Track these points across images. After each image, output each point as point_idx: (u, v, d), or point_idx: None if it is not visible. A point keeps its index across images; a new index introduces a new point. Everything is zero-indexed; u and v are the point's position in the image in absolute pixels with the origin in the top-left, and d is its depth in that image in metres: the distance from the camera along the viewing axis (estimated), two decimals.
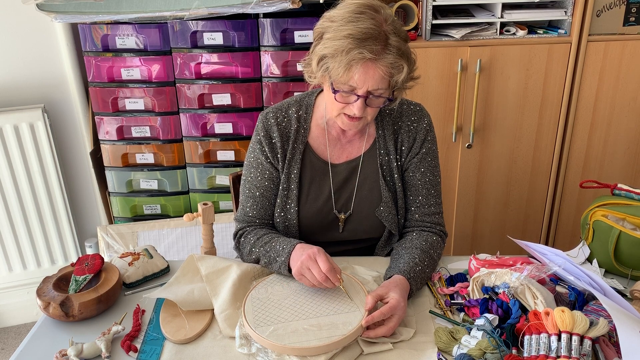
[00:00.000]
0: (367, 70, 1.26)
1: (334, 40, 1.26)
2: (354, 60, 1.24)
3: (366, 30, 1.24)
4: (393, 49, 1.26)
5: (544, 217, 2.54)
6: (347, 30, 1.25)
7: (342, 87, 1.30)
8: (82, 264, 1.36)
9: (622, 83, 2.30)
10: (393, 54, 1.26)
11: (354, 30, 1.24)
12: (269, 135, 1.46)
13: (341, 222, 1.50)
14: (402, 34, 1.30)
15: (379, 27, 1.26)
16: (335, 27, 1.27)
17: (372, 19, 1.26)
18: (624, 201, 1.46)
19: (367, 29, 1.24)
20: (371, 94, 1.30)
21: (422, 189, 1.48)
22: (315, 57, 1.32)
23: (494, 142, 2.37)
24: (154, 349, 1.20)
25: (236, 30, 2.20)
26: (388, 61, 1.26)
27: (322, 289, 1.30)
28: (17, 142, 2.34)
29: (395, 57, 1.26)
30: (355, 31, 1.24)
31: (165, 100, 2.30)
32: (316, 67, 1.33)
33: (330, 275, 1.24)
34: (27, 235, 2.48)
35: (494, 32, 2.24)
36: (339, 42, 1.25)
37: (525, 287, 1.22)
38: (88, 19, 2.13)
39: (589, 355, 1.05)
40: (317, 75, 1.35)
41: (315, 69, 1.34)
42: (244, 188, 1.51)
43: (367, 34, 1.24)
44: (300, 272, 1.27)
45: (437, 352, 1.17)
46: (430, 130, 1.48)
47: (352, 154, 1.49)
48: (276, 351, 1.15)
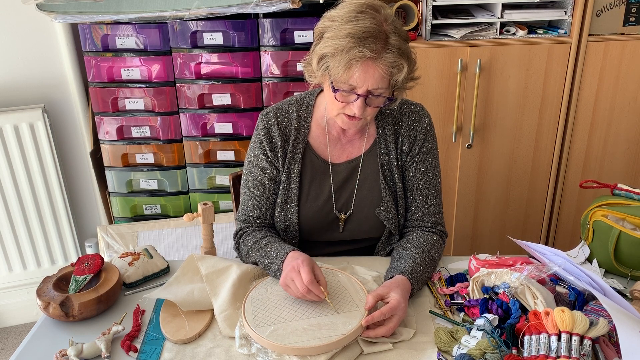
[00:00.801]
0: (367, 69, 1.26)
1: (334, 39, 1.27)
2: (354, 59, 1.24)
3: (366, 29, 1.24)
4: (393, 48, 1.26)
5: (544, 217, 2.54)
6: (348, 30, 1.25)
7: (342, 86, 1.30)
8: (82, 264, 1.36)
9: (622, 83, 2.30)
10: (393, 53, 1.26)
11: (354, 30, 1.24)
12: (269, 135, 1.46)
13: (341, 222, 1.50)
14: (402, 34, 1.30)
15: (380, 26, 1.26)
16: (335, 26, 1.28)
17: (373, 18, 1.26)
18: (624, 201, 1.46)
19: (367, 28, 1.24)
20: (371, 93, 1.30)
21: (423, 189, 1.48)
22: (315, 57, 1.33)
23: (494, 142, 2.37)
24: (154, 349, 1.20)
25: (236, 30, 2.20)
26: (388, 60, 1.26)
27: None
28: (17, 142, 2.34)
29: (396, 56, 1.26)
30: (356, 30, 1.24)
31: (165, 100, 2.30)
32: (316, 66, 1.33)
33: (312, 288, 1.22)
34: (27, 235, 2.48)
35: (494, 32, 2.24)
36: (339, 41, 1.25)
37: (525, 287, 1.22)
38: (88, 19, 2.13)
39: (589, 355, 1.05)
40: (317, 75, 1.35)
41: (315, 68, 1.34)
42: (244, 188, 1.51)
43: (367, 33, 1.24)
44: (285, 284, 1.27)
45: (437, 352, 1.17)
46: (430, 130, 1.48)
47: (352, 153, 1.49)
48: (276, 351, 1.15)
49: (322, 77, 1.35)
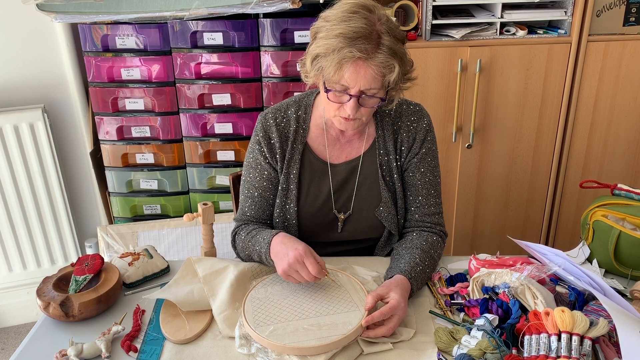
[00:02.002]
0: (358, 70, 1.26)
1: (326, 39, 1.27)
2: (345, 59, 1.25)
3: (357, 29, 1.25)
4: (385, 48, 1.26)
5: (544, 217, 2.54)
6: (339, 30, 1.26)
7: (334, 86, 1.30)
8: (82, 264, 1.36)
9: (622, 83, 2.30)
10: (385, 53, 1.26)
11: (345, 30, 1.25)
12: (267, 136, 1.46)
13: (340, 222, 1.50)
14: (397, 34, 1.30)
15: (371, 26, 1.26)
16: (328, 26, 1.29)
17: (365, 18, 1.26)
18: (624, 201, 1.46)
19: (358, 28, 1.25)
20: (364, 94, 1.30)
21: (422, 189, 1.48)
22: (309, 57, 1.34)
23: (494, 142, 2.37)
24: (154, 349, 1.20)
25: (236, 30, 2.20)
26: (379, 60, 1.26)
27: (320, 289, 1.31)
28: (17, 142, 2.34)
29: (387, 57, 1.26)
30: (347, 30, 1.25)
31: (165, 100, 2.30)
32: (310, 66, 1.34)
33: (320, 276, 1.27)
34: (27, 235, 2.48)
35: (494, 32, 2.24)
36: (330, 41, 1.26)
37: (525, 287, 1.22)
38: (88, 19, 2.13)
39: (589, 355, 1.05)
40: (311, 75, 1.36)
41: (309, 68, 1.35)
42: (243, 188, 1.52)
43: (357, 33, 1.24)
44: (286, 274, 1.28)
45: (437, 352, 1.17)
46: (430, 131, 1.48)
47: (351, 154, 1.49)
48: (276, 351, 1.15)
49: (316, 77, 1.35)
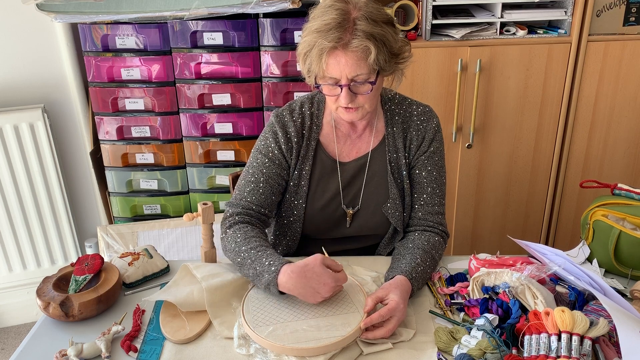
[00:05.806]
0: (338, 59, 1.29)
1: (305, 37, 1.33)
2: (322, 51, 1.29)
3: (329, 21, 1.28)
4: (359, 33, 1.28)
5: (544, 217, 2.54)
6: (315, 26, 1.30)
7: (324, 80, 1.34)
8: (82, 264, 1.36)
9: (622, 83, 2.30)
10: (359, 37, 1.28)
11: (319, 25, 1.29)
12: (285, 130, 1.47)
13: (349, 217, 1.51)
14: (376, 17, 1.31)
15: (345, 15, 1.29)
16: (308, 25, 1.34)
17: (338, 9, 1.30)
18: (624, 201, 1.46)
19: (330, 19, 1.28)
20: (353, 81, 1.32)
21: (428, 187, 1.48)
22: (299, 57, 1.38)
23: (494, 142, 2.37)
24: (154, 349, 1.20)
25: (236, 30, 2.20)
26: (354, 46, 1.28)
27: None
28: (17, 142, 2.34)
29: (361, 40, 1.27)
30: (320, 25, 1.29)
31: (165, 100, 2.30)
32: (303, 66, 1.38)
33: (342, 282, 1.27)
34: (27, 235, 2.48)
35: (494, 32, 2.23)
36: (308, 38, 1.31)
37: (525, 287, 1.22)
38: (88, 19, 2.13)
39: (589, 355, 1.05)
40: (305, 74, 1.40)
41: (302, 67, 1.39)
42: (246, 173, 1.47)
43: (329, 25, 1.28)
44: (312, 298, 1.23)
45: (437, 352, 1.17)
46: (438, 131, 1.50)
47: (361, 149, 1.50)
48: (275, 351, 1.15)
49: (308, 75, 1.38)
